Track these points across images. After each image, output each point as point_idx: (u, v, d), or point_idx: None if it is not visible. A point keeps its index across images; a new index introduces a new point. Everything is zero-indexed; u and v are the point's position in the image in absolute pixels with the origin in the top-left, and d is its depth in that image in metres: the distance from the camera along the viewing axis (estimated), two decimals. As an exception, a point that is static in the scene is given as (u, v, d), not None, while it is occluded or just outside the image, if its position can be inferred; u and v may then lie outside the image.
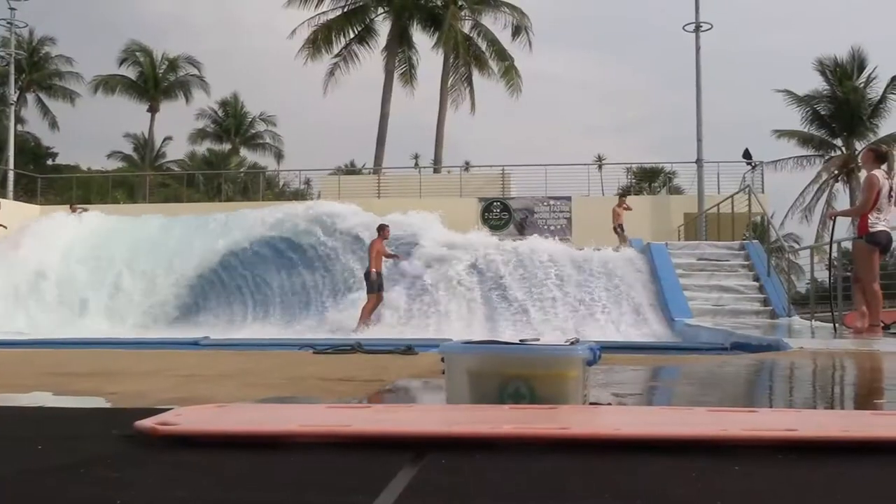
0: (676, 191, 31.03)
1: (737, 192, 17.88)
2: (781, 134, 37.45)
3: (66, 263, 15.39)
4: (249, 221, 16.06)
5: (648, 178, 46.90)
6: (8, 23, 27.17)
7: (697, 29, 23.82)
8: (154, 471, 1.51)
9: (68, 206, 21.52)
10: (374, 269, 12.54)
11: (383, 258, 12.89)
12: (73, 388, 3.79)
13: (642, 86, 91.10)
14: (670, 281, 13.17)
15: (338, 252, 14.78)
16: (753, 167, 22.09)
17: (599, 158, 48.61)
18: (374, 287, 12.53)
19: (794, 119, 38.14)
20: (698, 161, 22.29)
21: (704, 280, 13.54)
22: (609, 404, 2.56)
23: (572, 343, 2.23)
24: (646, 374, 4.52)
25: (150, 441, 1.71)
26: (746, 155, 21.44)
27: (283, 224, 15.68)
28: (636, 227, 19.57)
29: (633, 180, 41.52)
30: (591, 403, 2.25)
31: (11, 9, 26.41)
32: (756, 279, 13.44)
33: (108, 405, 3.06)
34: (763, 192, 21.47)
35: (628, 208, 18.84)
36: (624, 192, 23.94)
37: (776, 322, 11.58)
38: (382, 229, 12.94)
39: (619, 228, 18.19)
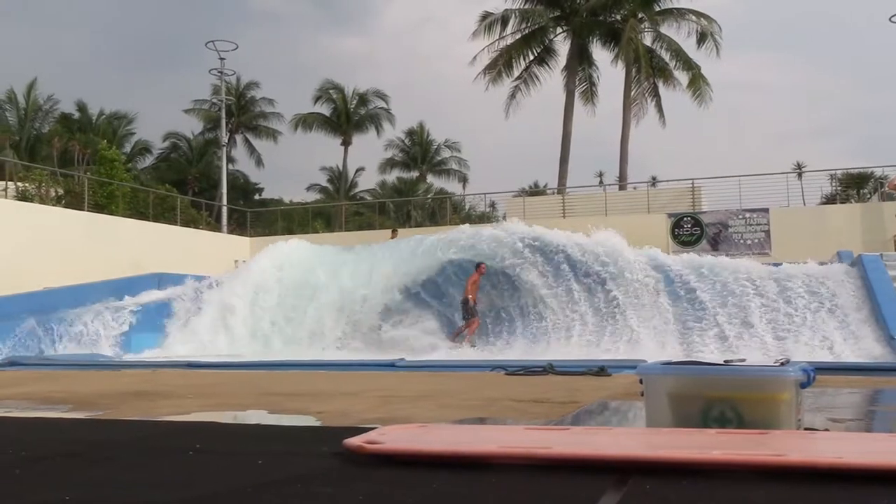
0: (889, 197, 28.40)
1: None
2: None
3: (275, 291, 16.50)
4: (439, 245, 16.45)
5: (856, 185, 43.31)
6: (219, 72, 29.86)
7: (907, 19, 21.88)
8: (364, 488, 1.58)
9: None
10: (470, 297, 13.96)
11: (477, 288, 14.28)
12: (283, 407, 4.05)
13: (840, 86, 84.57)
14: (888, 295, 12.04)
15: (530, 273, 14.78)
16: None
17: (798, 166, 45.58)
18: (472, 313, 13.96)
19: None
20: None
21: (928, 294, 12.26)
22: (826, 430, 2.37)
23: (783, 364, 2.09)
24: (865, 397, 4.15)
25: (358, 458, 1.78)
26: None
27: (473, 246, 15.91)
28: (844, 238, 18.11)
29: (839, 188, 38.51)
30: (805, 429, 2.10)
31: (221, 59, 29.01)
32: None
33: (316, 423, 3.24)
34: None
35: None
36: None
37: None
38: (479, 266, 14.32)
39: None
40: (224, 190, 29.66)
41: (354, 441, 1.81)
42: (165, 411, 3.75)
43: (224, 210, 28.80)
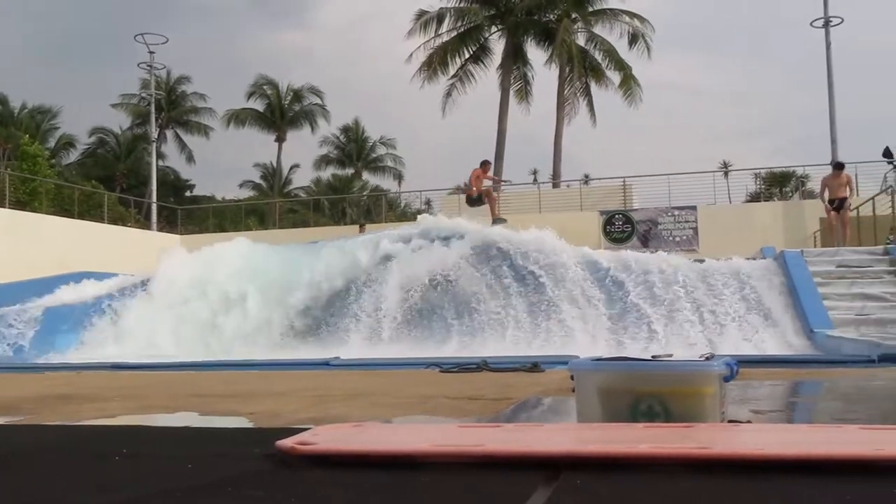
0: (810, 195, 29.45)
1: (878, 194, 16.83)
2: (926, 129, 35.01)
3: (208, 287, 16.18)
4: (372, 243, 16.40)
5: (779, 183, 44.84)
6: (148, 66, 29.12)
7: (827, 24, 22.72)
8: (296, 490, 1.56)
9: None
10: (471, 194, 16.14)
11: (483, 181, 16.38)
12: (214, 408, 3.98)
13: (768, 87, 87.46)
14: (808, 290, 12.49)
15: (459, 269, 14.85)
16: (895, 166, 20.72)
17: (725, 165, 46.92)
18: (480, 200, 16.09)
19: (940, 113, 35.56)
20: (833, 162, 21.13)
21: (845, 288, 12.76)
22: (749, 422, 2.45)
23: (707, 358, 2.15)
24: (786, 389, 4.30)
25: (290, 460, 1.76)
26: (887, 154, 20.10)
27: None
28: (768, 235, 18.73)
29: (763, 186, 39.76)
30: (729, 421, 2.16)
31: (151, 52, 28.31)
32: (904, 286, 12.55)
33: (248, 424, 3.20)
34: (907, 192, 20.09)
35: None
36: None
37: (929, 331, 10.77)
38: (485, 164, 16.44)
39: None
40: (154, 186, 28.96)
41: (287, 442, 1.79)
42: (90, 415, 3.65)
43: (154, 207, 28.12)
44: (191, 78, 46.91)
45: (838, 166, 16.03)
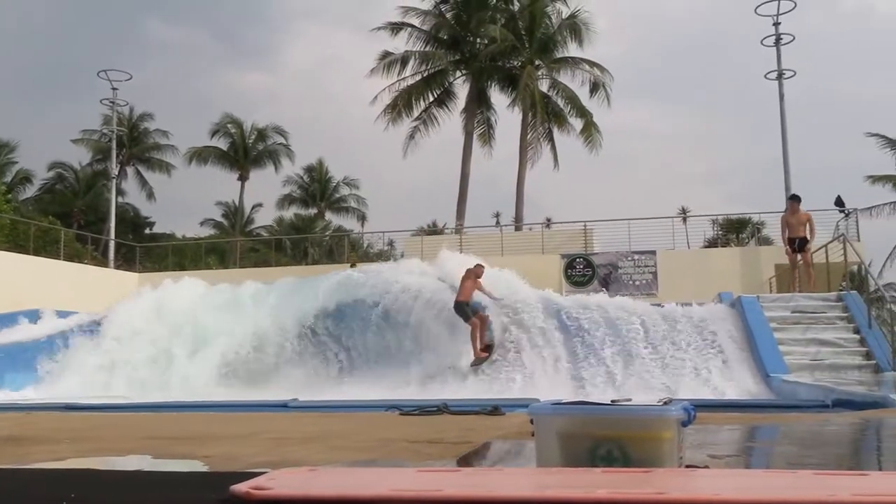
0: (766, 241, 30.13)
1: (831, 241, 17.23)
2: (876, 179, 36.10)
3: (161, 328, 15.93)
4: (333, 283, 16.35)
5: (735, 230, 45.77)
6: (110, 102, 28.94)
7: (780, 76, 23.47)
8: (250, 536, 1.53)
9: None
10: (461, 299, 13.32)
11: (475, 291, 13.63)
12: (168, 451, 3.89)
13: (725, 136, 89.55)
14: (764, 335, 12.69)
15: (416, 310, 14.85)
16: (847, 215, 21.30)
17: (683, 211, 47.78)
18: (469, 313, 13.25)
19: (889, 164, 36.74)
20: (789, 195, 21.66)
21: (800, 334, 13.01)
22: (706, 467, 2.46)
23: (666, 403, 2.17)
24: (743, 433, 4.35)
25: (245, 505, 1.73)
26: (839, 202, 20.70)
27: (368, 285, 15.90)
28: (725, 280, 19.02)
29: (720, 232, 40.53)
30: (686, 466, 2.18)
31: (114, 88, 28.16)
32: (856, 332, 12.82)
33: (203, 468, 3.13)
34: (859, 240, 20.64)
35: None
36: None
37: (881, 377, 10.99)
38: (477, 266, 13.88)
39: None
40: (112, 223, 28.57)
41: (241, 487, 1.76)
42: (39, 457, 3.54)
43: (112, 244, 27.69)
44: (154, 115, 46.71)
45: (794, 198, 15.53)
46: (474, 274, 13.70)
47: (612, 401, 2.23)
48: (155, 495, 2.05)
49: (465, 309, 13.26)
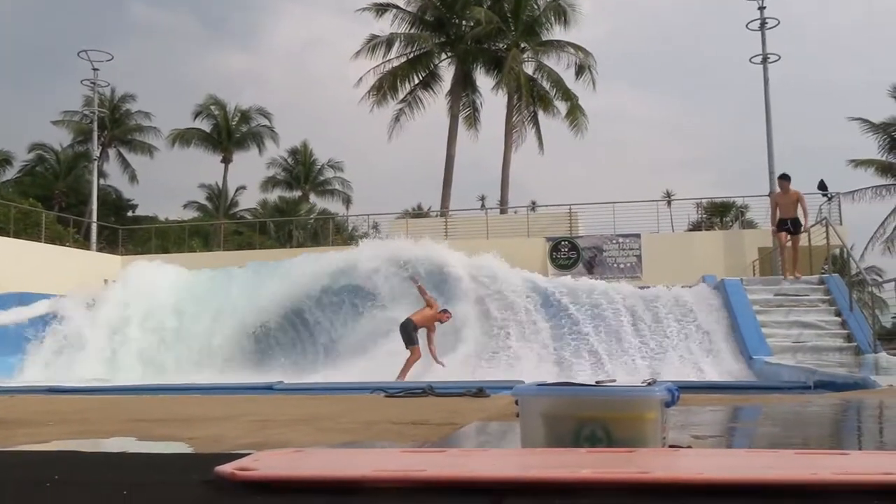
0: (749, 225, 30.26)
1: (813, 225, 17.35)
2: (858, 163, 36.34)
3: (147, 312, 15.86)
4: (318, 265, 16.30)
5: (720, 213, 46.01)
6: (91, 83, 28.57)
7: (765, 61, 23.52)
8: (234, 516, 1.53)
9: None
10: (415, 321, 12.43)
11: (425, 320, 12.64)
12: (152, 433, 3.88)
13: (710, 120, 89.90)
14: (747, 318, 12.81)
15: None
16: (829, 199, 21.44)
17: (668, 194, 48.03)
18: (414, 339, 12.33)
19: (871, 148, 37.01)
20: (771, 194, 21.77)
21: (783, 316, 13.13)
22: (689, 447, 2.48)
23: (649, 384, 2.18)
24: (726, 414, 4.38)
25: (230, 486, 1.73)
26: (822, 186, 20.81)
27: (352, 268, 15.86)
28: (709, 263, 19.14)
29: (704, 216, 40.73)
30: (670, 446, 2.19)
31: (95, 69, 27.79)
32: (838, 314, 12.96)
33: (187, 450, 3.12)
34: (841, 223, 20.81)
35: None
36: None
37: (862, 359, 11.12)
38: (445, 312, 12.88)
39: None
40: (94, 206, 28.29)
41: (226, 468, 1.76)
42: (23, 440, 3.52)
43: (94, 227, 27.45)
44: (136, 96, 46.15)
45: (784, 177, 14.41)
46: (439, 316, 12.77)
47: (596, 382, 2.24)
48: (139, 477, 2.04)
49: (412, 333, 12.35)
